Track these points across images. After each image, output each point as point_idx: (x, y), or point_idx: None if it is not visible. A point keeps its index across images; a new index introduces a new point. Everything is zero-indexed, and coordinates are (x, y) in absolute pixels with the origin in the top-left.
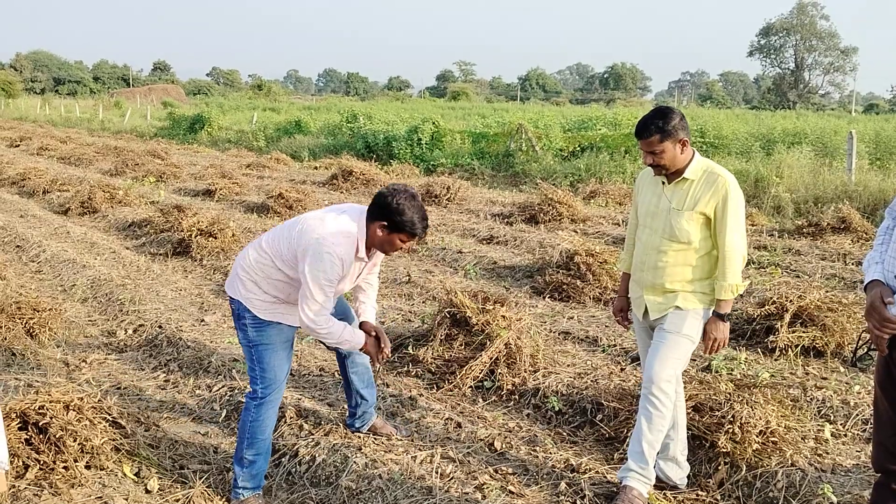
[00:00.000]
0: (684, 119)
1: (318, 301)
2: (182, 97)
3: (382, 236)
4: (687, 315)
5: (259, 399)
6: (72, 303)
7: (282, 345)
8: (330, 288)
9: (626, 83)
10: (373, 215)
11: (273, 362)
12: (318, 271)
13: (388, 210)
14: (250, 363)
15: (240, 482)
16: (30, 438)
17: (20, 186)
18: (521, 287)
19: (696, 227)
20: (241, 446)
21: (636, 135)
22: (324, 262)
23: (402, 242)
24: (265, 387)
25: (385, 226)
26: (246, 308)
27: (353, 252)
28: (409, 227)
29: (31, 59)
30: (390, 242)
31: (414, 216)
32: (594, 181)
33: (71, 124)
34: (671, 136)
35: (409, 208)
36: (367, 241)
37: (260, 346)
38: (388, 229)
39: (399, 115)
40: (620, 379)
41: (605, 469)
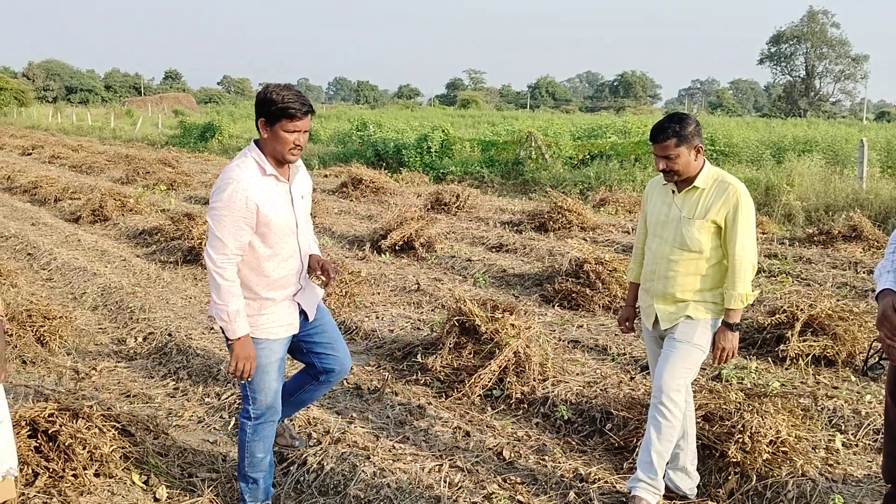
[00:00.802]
0: (699, 126)
1: (217, 235)
2: (193, 106)
3: (269, 137)
4: (697, 325)
5: (253, 419)
6: (82, 310)
7: (271, 365)
8: (232, 219)
9: (636, 91)
10: (257, 119)
11: (264, 383)
12: (216, 202)
13: (260, 104)
14: (241, 385)
15: (247, 498)
16: (39, 446)
17: (32, 194)
18: (530, 295)
19: (706, 236)
20: (242, 465)
21: (651, 138)
22: (222, 190)
23: (287, 133)
24: (257, 407)
25: (264, 122)
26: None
27: (257, 172)
28: (283, 107)
29: (43, 67)
30: (278, 137)
31: (285, 95)
32: (604, 189)
33: (83, 133)
34: (687, 142)
35: (276, 92)
36: (268, 157)
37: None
38: (268, 124)
39: (409, 124)
40: (630, 388)
41: (614, 479)
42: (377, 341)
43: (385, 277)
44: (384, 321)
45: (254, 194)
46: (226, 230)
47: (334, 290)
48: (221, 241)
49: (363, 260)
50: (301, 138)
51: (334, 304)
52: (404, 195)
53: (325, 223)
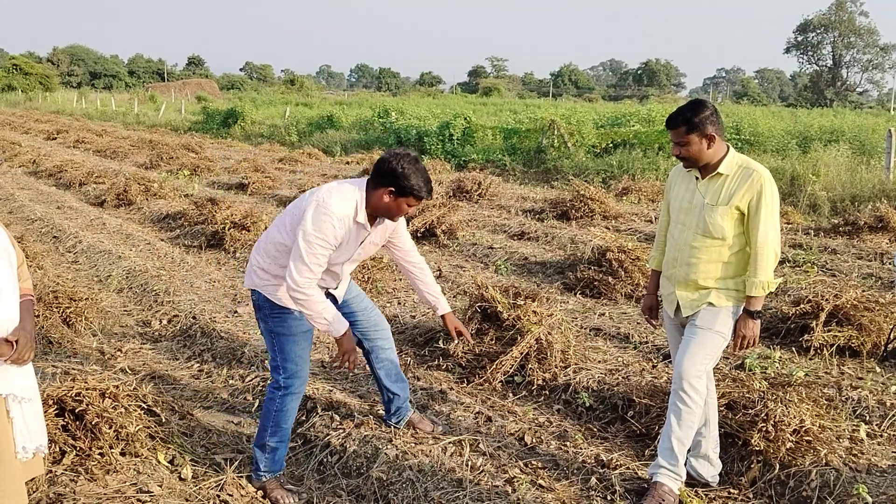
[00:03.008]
0: (717, 114)
1: (305, 261)
2: (216, 92)
3: (389, 202)
4: (719, 312)
5: (283, 389)
6: (107, 293)
7: (302, 335)
8: (322, 249)
9: (661, 80)
10: (377, 182)
11: (294, 352)
12: (313, 230)
13: (394, 175)
14: (272, 353)
15: (261, 466)
16: (66, 425)
17: (57, 178)
18: (552, 283)
19: (730, 223)
20: (263, 433)
21: (665, 125)
22: (321, 221)
23: (408, 207)
24: (287, 376)
25: (392, 191)
26: (264, 297)
27: (353, 214)
28: (416, 190)
29: (67, 53)
30: (398, 207)
31: (419, 179)
32: (627, 178)
33: (107, 118)
34: (697, 129)
35: (413, 172)
36: (368, 208)
37: (281, 336)
38: (395, 194)
39: (431, 111)
40: (652, 376)
41: (636, 465)
42: (399, 327)
43: None
44: (406, 307)
45: (343, 232)
46: (314, 258)
47: (356, 276)
48: (308, 266)
49: (385, 247)
50: (414, 210)
51: None
52: None
53: None
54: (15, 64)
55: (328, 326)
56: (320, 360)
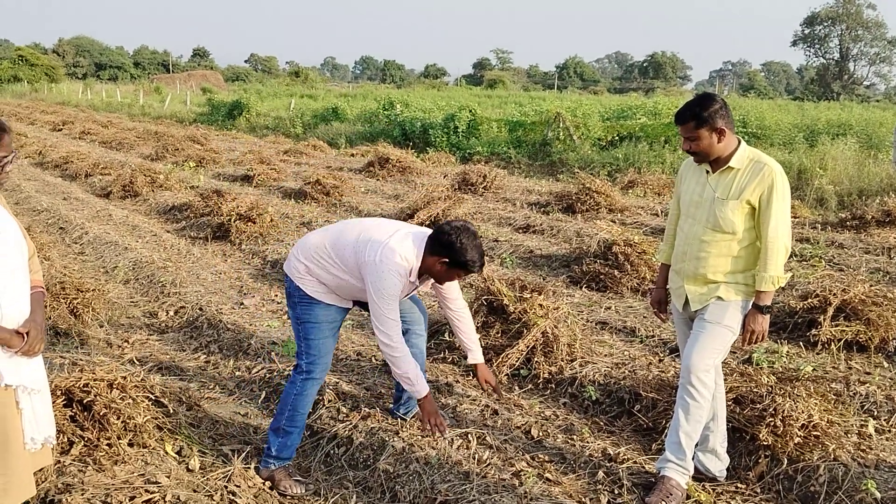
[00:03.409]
0: (726, 108)
1: (389, 318)
2: (221, 83)
3: (441, 270)
4: (728, 306)
5: (305, 374)
6: (114, 284)
7: (328, 324)
8: (394, 300)
9: (666, 72)
10: (433, 249)
11: (318, 339)
12: (383, 289)
13: (451, 249)
14: (297, 339)
15: (273, 452)
16: (74, 415)
17: (63, 169)
18: (557, 276)
19: (740, 217)
20: (280, 417)
21: (675, 120)
22: (385, 280)
23: (458, 277)
24: (310, 362)
25: (445, 262)
26: (297, 287)
27: (407, 270)
28: (470, 265)
29: (73, 44)
30: (447, 276)
31: (475, 255)
32: (633, 171)
33: (112, 109)
34: (707, 124)
35: (470, 248)
36: (422, 268)
37: (307, 323)
38: (448, 265)
39: (435, 103)
40: (659, 370)
41: (643, 459)
42: None
43: None
44: None
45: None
46: (393, 310)
47: None
48: (393, 320)
49: None
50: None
51: None
52: (431, 175)
53: (351, 202)
54: (21, 55)
55: (412, 387)
56: None
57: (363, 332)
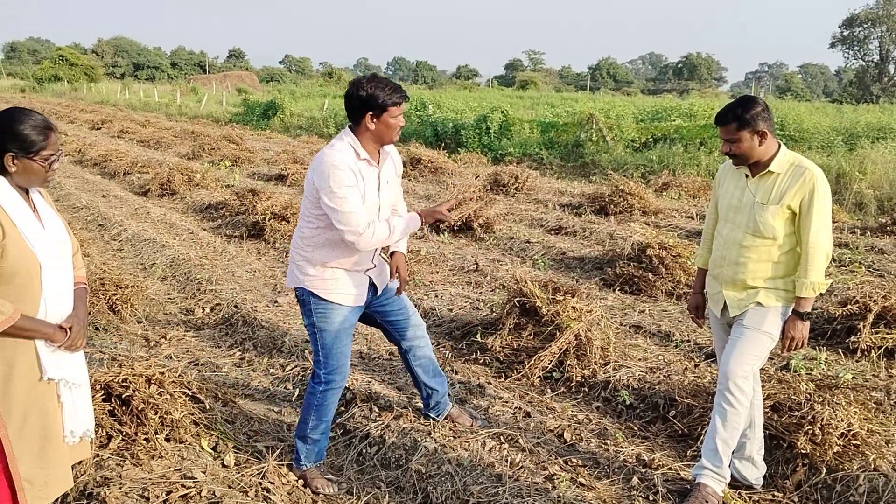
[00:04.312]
0: (768, 111)
1: (346, 210)
2: (255, 84)
3: (377, 125)
4: (767, 312)
5: (324, 384)
6: (152, 281)
7: (344, 331)
8: (349, 193)
9: (701, 74)
10: (355, 117)
11: (336, 347)
12: (331, 185)
13: (364, 101)
14: (314, 347)
15: (302, 457)
16: (113, 410)
17: (102, 167)
18: (590, 279)
19: (781, 222)
20: (305, 426)
21: (715, 121)
22: (330, 175)
23: (394, 119)
24: (328, 371)
25: (372, 115)
26: (309, 292)
27: (354, 155)
28: (390, 100)
29: (112, 44)
30: (385, 124)
31: (386, 89)
32: (667, 173)
33: (150, 109)
34: (748, 126)
35: (378, 87)
36: (365, 143)
37: (324, 331)
38: (376, 116)
39: (467, 104)
40: (695, 375)
41: (678, 465)
42: (436, 320)
43: (444, 257)
44: (443, 300)
45: (354, 170)
46: (349, 203)
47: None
48: (353, 213)
49: (422, 239)
50: (402, 120)
51: None
52: (462, 175)
53: None
54: (61, 55)
55: (406, 232)
56: (358, 350)
57: None
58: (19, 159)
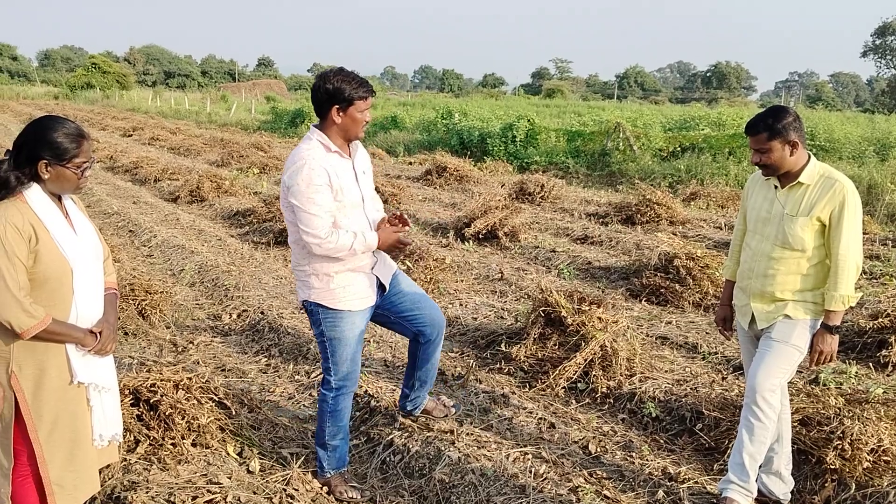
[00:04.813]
0: (799, 121)
1: (309, 212)
2: (284, 92)
3: (343, 119)
4: (796, 325)
5: (336, 390)
6: (180, 286)
7: (354, 339)
8: (316, 194)
9: (731, 82)
10: (322, 111)
11: (347, 354)
12: (299, 182)
13: (330, 94)
14: (324, 355)
15: (325, 464)
16: (141, 414)
17: (133, 174)
18: (616, 289)
19: (810, 234)
20: (322, 434)
21: (745, 131)
22: (300, 172)
23: (360, 113)
24: (340, 378)
25: (338, 108)
26: (317, 304)
27: (323, 150)
28: (356, 93)
29: (143, 52)
30: (352, 119)
31: (352, 83)
32: (695, 183)
33: (180, 116)
34: (780, 136)
35: (344, 80)
36: (333, 137)
37: (334, 339)
38: (341, 109)
39: (493, 112)
40: (722, 388)
41: (704, 479)
42: (461, 328)
43: (468, 265)
44: (468, 309)
45: (325, 166)
46: (314, 205)
47: (419, 276)
48: (315, 216)
49: (447, 247)
50: (368, 115)
51: None
52: (488, 184)
53: (409, 210)
54: (94, 63)
55: (366, 246)
56: (383, 358)
57: None
58: (52, 166)
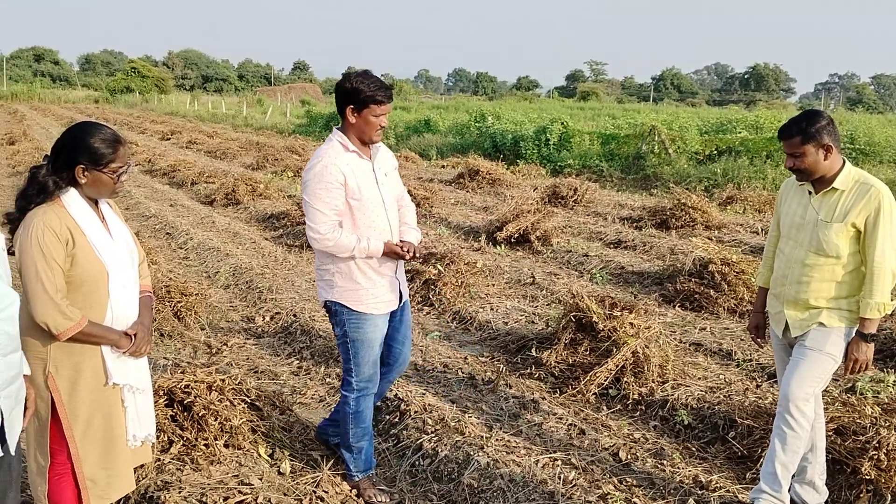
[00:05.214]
0: (833, 125)
1: (315, 207)
2: (319, 95)
3: (357, 120)
4: (830, 333)
5: (357, 391)
6: (215, 289)
7: (377, 341)
8: (323, 191)
9: (769, 84)
10: (340, 108)
11: (369, 358)
12: (310, 178)
13: (347, 94)
14: (345, 356)
15: (352, 467)
16: (175, 415)
17: (171, 177)
18: (649, 294)
19: (845, 241)
20: (347, 437)
21: (778, 135)
22: (314, 169)
23: (375, 117)
24: (360, 380)
25: (353, 109)
26: (340, 304)
27: (342, 150)
28: (370, 97)
29: (182, 57)
30: (366, 121)
31: (371, 85)
32: (731, 187)
33: (217, 120)
34: (813, 140)
35: (362, 82)
36: (349, 137)
37: (356, 341)
38: (356, 110)
39: (527, 115)
40: (756, 396)
41: (736, 488)
42: (491, 333)
43: (500, 269)
44: (498, 313)
45: (340, 165)
46: (321, 201)
47: (450, 280)
48: (320, 211)
49: (478, 251)
50: (384, 121)
51: (449, 293)
52: (521, 187)
53: (441, 213)
54: (133, 67)
55: (368, 251)
56: (413, 362)
57: (449, 343)
58: (89, 171)
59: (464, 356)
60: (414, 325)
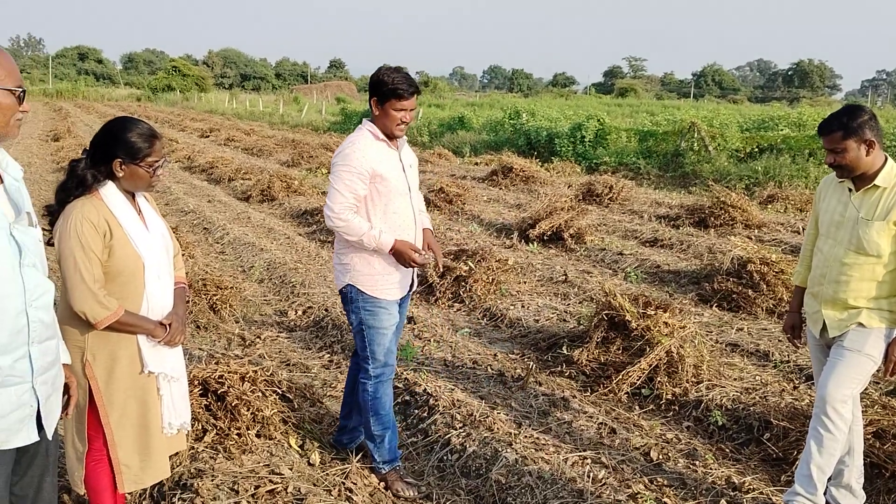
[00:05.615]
0: (875, 120)
1: (335, 187)
2: (354, 93)
3: (379, 112)
4: (870, 333)
5: (374, 378)
6: (250, 283)
7: (392, 327)
8: (348, 174)
9: (813, 81)
10: (369, 102)
11: (384, 343)
12: (337, 160)
13: (373, 85)
14: (361, 344)
15: (377, 458)
16: (209, 405)
17: (209, 174)
18: (685, 294)
19: (886, 240)
20: (369, 426)
21: (818, 131)
22: (342, 152)
23: (396, 111)
24: (377, 366)
25: (376, 101)
26: (356, 289)
27: (372, 139)
28: (392, 90)
29: (221, 56)
30: (386, 114)
31: (395, 80)
32: (773, 185)
33: (254, 118)
34: (855, 134)
35: (388, 75)
36: (378, 126)
37: (372, 328)
38: (379, 102)
39: (562, 112)
40: (793, 397)
41: (770, 490)
42: (522, 330)
43: (532, 267)
44: (530, 310)
45: (369, 151)
46: (342, 182)
47: (481, 277)
48: (338, 192)
49: (510, 248)
50: (407, 116)
51: (480, 290)
52: (555, 185)
53: (473, 210)
54: (174, 66)
55: (377, 243)
56: (443, 358)
57: (479, 340)
58: (126, 165)
59: (493, 353)
60: (444, 321)
